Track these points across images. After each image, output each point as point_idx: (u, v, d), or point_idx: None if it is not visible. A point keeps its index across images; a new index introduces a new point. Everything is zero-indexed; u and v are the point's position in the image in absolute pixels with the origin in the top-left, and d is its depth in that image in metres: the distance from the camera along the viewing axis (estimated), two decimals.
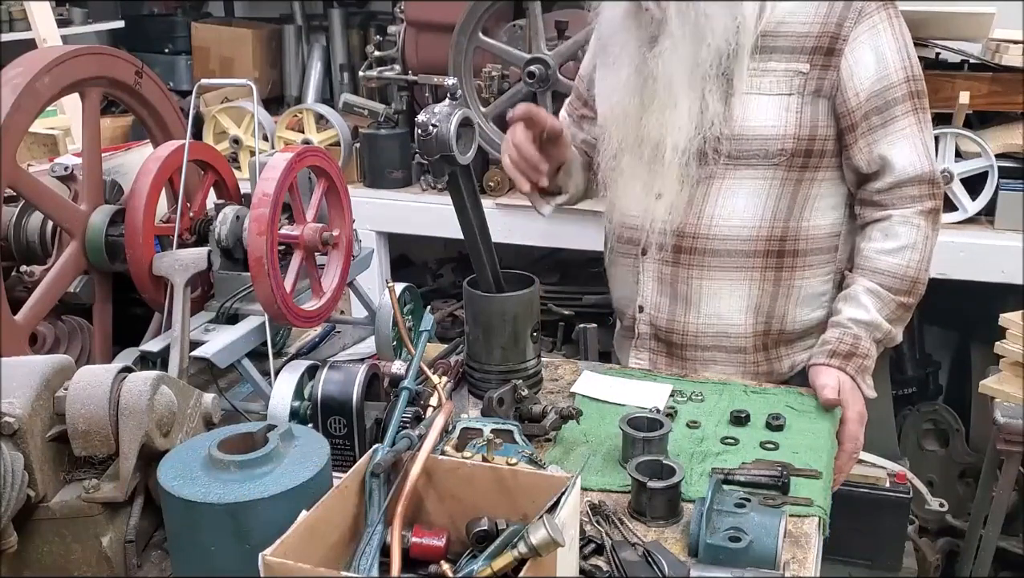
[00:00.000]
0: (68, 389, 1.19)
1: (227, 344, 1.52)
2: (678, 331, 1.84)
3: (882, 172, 1.75)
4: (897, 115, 1.73)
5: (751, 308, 1.81)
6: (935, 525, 3.08)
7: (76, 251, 1.62)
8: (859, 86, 1.72)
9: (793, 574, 1.23)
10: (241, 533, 1.06)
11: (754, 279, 1.79)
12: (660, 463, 1.36)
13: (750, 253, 1.77)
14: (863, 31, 1.71)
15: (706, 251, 1.77)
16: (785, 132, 1.72)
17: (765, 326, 1.82)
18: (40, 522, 1.18)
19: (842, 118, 1.74)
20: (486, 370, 1.65)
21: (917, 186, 1.75)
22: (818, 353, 1.73)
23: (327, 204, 1.64)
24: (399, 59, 3.37)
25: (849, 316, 1.74)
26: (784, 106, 1.72)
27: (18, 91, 1.47)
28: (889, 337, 1.76)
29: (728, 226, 1.76)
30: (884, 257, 1.75)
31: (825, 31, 1.71)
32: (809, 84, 1.72)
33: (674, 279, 1.81)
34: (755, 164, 1.73)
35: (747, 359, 1.84)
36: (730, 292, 1.79)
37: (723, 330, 1.82)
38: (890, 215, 1.76)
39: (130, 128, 3.42)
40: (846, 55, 1.71)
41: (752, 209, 1.75)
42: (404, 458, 1.16)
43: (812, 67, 1.71)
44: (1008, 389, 2.45)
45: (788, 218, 1.77)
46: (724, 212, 1.76)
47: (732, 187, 1.75)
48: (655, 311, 1.86)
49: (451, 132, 1.46)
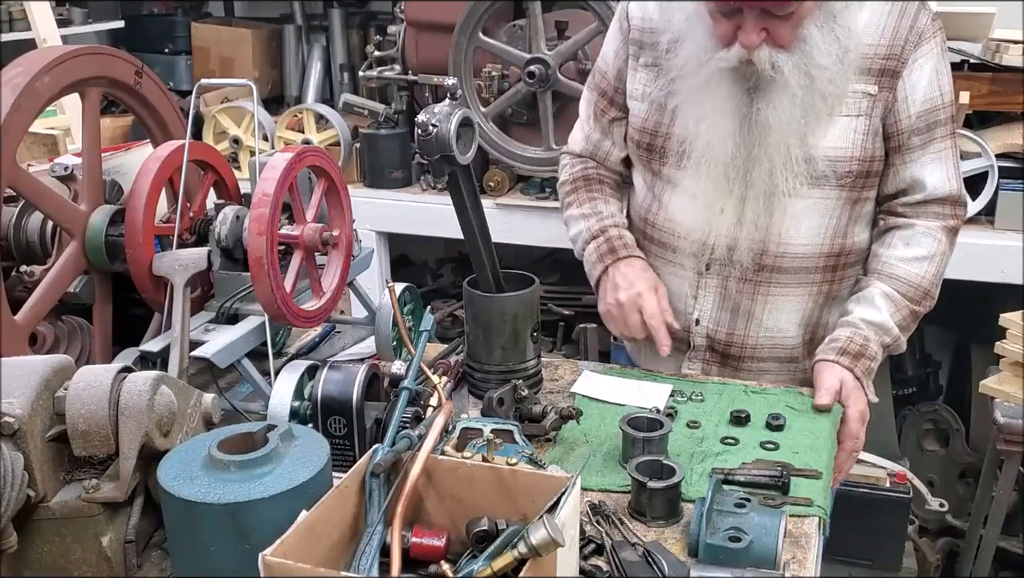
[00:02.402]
0: (68, 389, 1.19)
1: (227, 344, 1.52)
2: (737, 344, 1.85)
3: (912, 189, 1.78)
4: (936, 137, 1.75)
5: (804, 320, 1.84)
6: (935, 525, 3.08)
7: (76, 251, 1.61)
8: (912, 109, 1.72)
9: (793, 574, 1.23)
10: (241, 533, 1.06)
11: (811, 293, 1.82)
12: (660, 463, 1.36)
13: (811, 269, 1.80)
14: (922, 54, 1.71)
15: (775, 268, 1.79)
16: (852, 154, 1.73)
17: (812, 334, 1.85)
18: (40, 522, 1.18)
19: (890, 139, 1.75)
20: (486, 370, 1.65)
21: (944, 205, 1.79)
22: (826, 350, 1.73)
23: (327, 204, 1.64)
24: (399, 59, 3.37)
25: (862, 316, 1.75)
26: (853, 128, 1.72)
27: (18, 91, 1.47)
28: (896, 344, 1.77)
29: (795, 244, 1.77)
30: (903, 265, 1.77)
31: (891, 52, 1.70)
32: (876, 106, 1.72)
33: (738, 294, 1.82)
34: (823, 184, 1.73)
35: (796, 367, 1.87)
36: (789, 306, 1.82)
37: (780, 342, 1.85)
38: (913, 224, 1.78)
39: (130, 128, 3.42)
40: (904, 77, 1.70)
41: (818, 228, 1.77)
42: (404, 458, 1.16)
43: (880, 89, 1.71)
44: (1008, 389, 2.45)
45: (845, 235, 1.80)
46: (792, 231, 1.76)
47: (799, 206, 1.74)
48: (714, 325, 1.85)
49: (451, 132, 1.46)
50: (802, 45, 1.61)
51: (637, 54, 1.85)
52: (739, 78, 1.65)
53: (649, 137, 1.83)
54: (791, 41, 1.60)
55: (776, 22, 1.57)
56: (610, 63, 1.92)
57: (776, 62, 1.61)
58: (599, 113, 1.95)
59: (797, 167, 1.69)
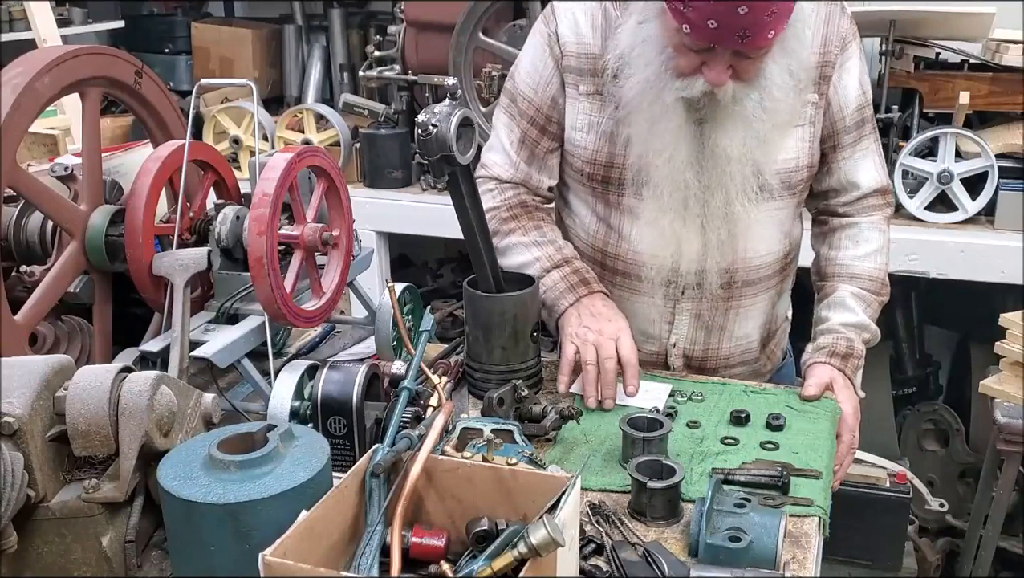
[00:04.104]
0: (68, 389, 1.19)
1: (227, 344, 1.52)
2: (712, 357, 1.88)
3: (846, 189, 1.84)
4: (865, 133, 1.82)
5: (765, 321, 1.91)
6: (935, 525, 3.08)
7: (76, 251, 1.61)
8: (845, 111, 1.78)
9: (793, 574, 1.23)
10: (241, 533, 1.06)
11: (771, 296, 1.89)
12: (660, 463, 1.36)
13: (771, 275, 1.86)
14: (847, 57, 1.76)
15: (744, 283, 1.82)
16: (803, 163, 1.77)
17: (768, 330, 1.94)
18: (40, 522, 1.18)
19: (826, 140, 1.80)
20: (486, 370, 1.65)
21: (878, 196, 1.86)
22: (816, 354, 1.77)
23: (327, 204, 1.64)
24: (399, 59, 3.37)
25: (840, 321, 1.80)
26: (801, 137, 1.76)
27: (18, 91, 1.47)
28: (874, 336, 1.85)
29: (759, 257, 1.81)
30: (859, 262, 1.84)
31: (824, 60, 1.73)
32: (818, 113, 1.76)
33: (711, 313, 1.84)
34: (778, 195, 1.77)
35: (759, 366, 1.95)
36: (755, 313, 1.88)
37: (747, 347, 1.90)
38: (857, 222, 1.86)
39: (130, 128, 3.42)
40: (834, 81, 1.75)
41: (775, 237, 1.82)
42: (404, 458, 1.16)
43: (820, 96, 1.75)
44: (1008, 389, 2.45)
45: (789, 235, 1.87)
46: (756, 245, 1.80)
47: (760, 220, 1.77)
48: (690, 345, 1.87)
49: (451, 132, 1.46)
50: (761, 80, 1.60)
51: (576, 82, 1.75)
52: (690, 108, 1.63)
53: (604, 169, 1.77)
54: (755, 77, 1.59)
55: (746, 61, 1.56)
56: (539, 91, 1.79)
57: (737, 95, 1.60)
58: (530, 143, 1.83)
59: (752, 192, 1.71)
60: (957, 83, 2.88)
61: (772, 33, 1.49)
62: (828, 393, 1.71)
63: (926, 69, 2.99)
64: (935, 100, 2.97)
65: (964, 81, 2.88)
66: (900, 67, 2.97)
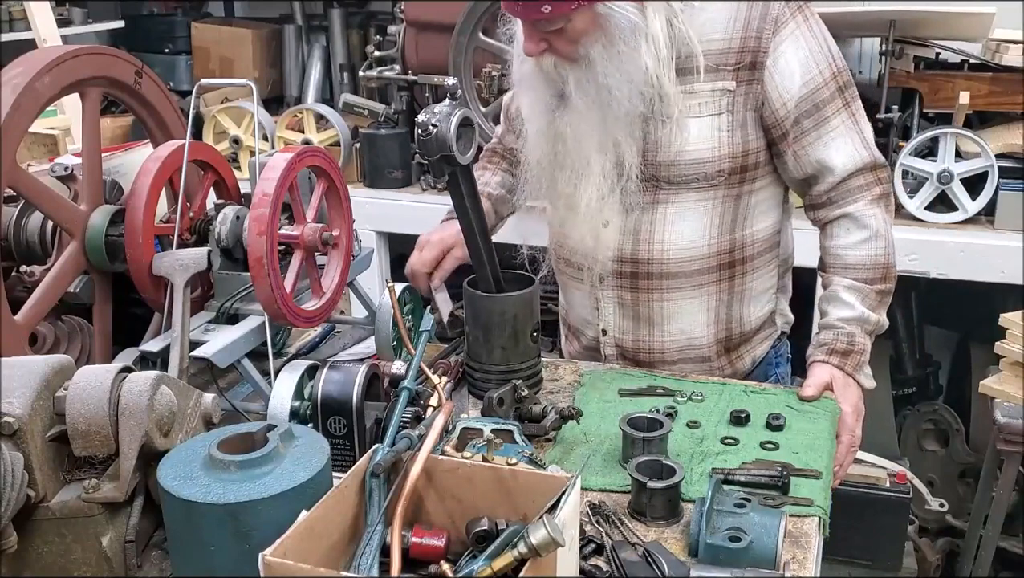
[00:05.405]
0: (68, 389, 1.19)
1: (227, 344, 1.52)
2: (644, 350, 1.87)
3: (822, 174, 1.76)
4: (829, 115, 1.73)
5: (711, 319, 1.84)
6: (935, 525, 3.08)
7: (76, 251, 1.61)
8: (786, 96, 1.71)
9: (793, 574, 1.23)
10: (241, 533, 1.06)
11: (711, 292, 1.82)
12: (660, 463, 1.36)
13: (704, 270, 1.80)
14: (782, 40, 1.69)
15: (662, 275, 1.80)
16: (720, 153, 1.72)
17: (726, 332, 1.86)
18: (40, 522, 1.18)
19: (771, 129, 1.74)
20: (486, 370, 1.65)
21: (861, 176, 1.76)
22: (816, 351, 1.76)
23: (327, 204, 1.64)
24: (399, 59, 3.37)
25: (837, 316, 1.77)
26: (716, 126, 1.72)
27: (18, 91, 1.47)
28: (879, 326, 1.79)
29: (678, 249, 1.78)
30: (850, 251, 1.78)
31: (745, 46, 1.69)
32: (737, 101, 1.71)
33: (635, 303, 1.83)
34: (696, 187, 1.74)
35: (712, 365, 1.88)
36: (691, 308, 1.83)
37: (688, 344, 1.86)
38: (846, 212, 1.78)
39: (130, 128, 3.42)
40: (768, 67, 1.69)
41: (699, 229, 1.78)
42: (404, 458, 1.16)
43: (738, 83, 1.70)
44: (1008, 389, 2.46)
45: (733, 230, 1.79)
46: (673, 236, 1.77)
47: (678, 211, 1.76)
48: (619, 333, 1.87)
49: (451, 132, 1.46)
50: (585, 62, 1.64)
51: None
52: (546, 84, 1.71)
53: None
54: (574, 56, 1.64)
55: (552, 35, 1.62)
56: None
57: (560, 69, 1.67)
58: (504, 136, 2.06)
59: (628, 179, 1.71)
60: (957, 83, 2.88)
61: (547, 8, 1.55)
62: (828, 393, 1.71)
63: (926, 69, 2.99)
64: (935, 100, 2.97)
65: (964, 81, 2.88)
66: (900, 67, 2.97)
